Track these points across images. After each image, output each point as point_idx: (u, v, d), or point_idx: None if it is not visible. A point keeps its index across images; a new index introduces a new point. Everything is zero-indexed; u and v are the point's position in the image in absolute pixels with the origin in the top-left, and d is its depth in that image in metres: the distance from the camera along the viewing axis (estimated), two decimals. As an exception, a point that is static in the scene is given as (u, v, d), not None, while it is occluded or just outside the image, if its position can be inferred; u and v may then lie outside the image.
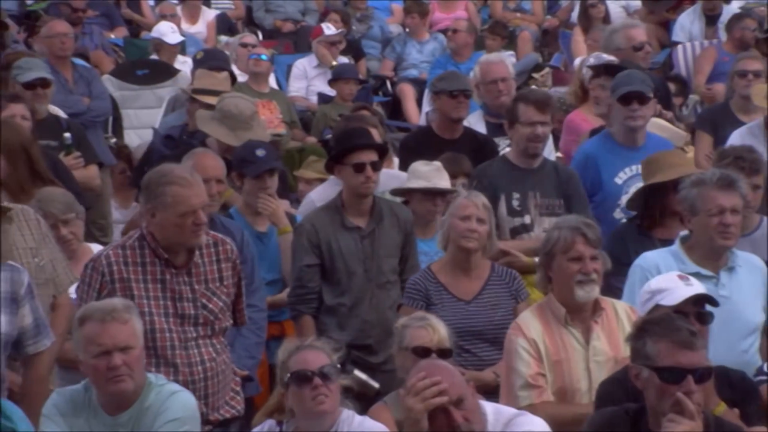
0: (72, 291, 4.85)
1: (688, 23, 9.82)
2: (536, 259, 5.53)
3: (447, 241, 5.05)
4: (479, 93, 6.87)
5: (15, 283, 4.29)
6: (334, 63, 9.70)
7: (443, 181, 5.74)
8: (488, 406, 3.51)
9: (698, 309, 4.04)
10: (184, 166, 4.73)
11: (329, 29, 10.01)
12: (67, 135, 6.70)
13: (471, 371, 4.84)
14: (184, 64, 9.39)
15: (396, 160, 6.76)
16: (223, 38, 10.69)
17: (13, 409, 3.98)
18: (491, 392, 4.65)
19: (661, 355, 3.42)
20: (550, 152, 6.46)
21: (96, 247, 5.27)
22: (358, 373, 4.81)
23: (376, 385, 4.85)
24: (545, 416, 3.72)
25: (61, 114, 7.03)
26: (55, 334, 4.55)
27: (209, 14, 11.17)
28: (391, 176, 6.04)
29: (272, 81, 9.52)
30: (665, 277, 4.19)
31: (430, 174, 5.71)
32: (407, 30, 10.81)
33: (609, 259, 4.53)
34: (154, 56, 9.56)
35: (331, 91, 9.34)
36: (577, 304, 4.36)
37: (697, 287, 4.10)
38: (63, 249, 5.04)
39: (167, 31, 9.52)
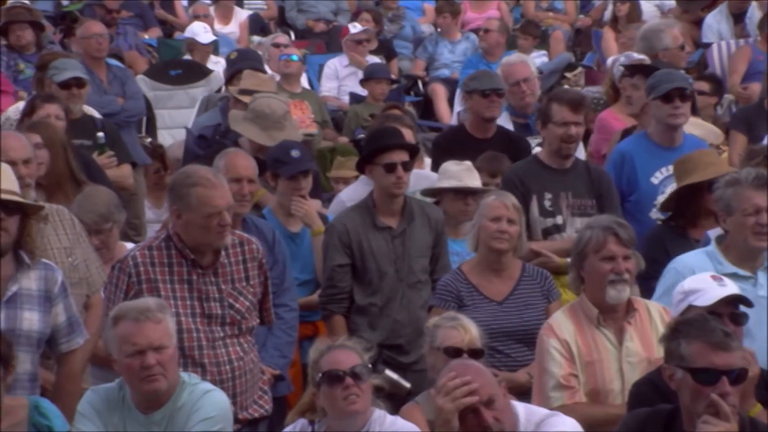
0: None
1: (715, 23, 9.75)
2: (568, 260, 5.53)
3: (477, 242, 5.04)
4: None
5: (49, 281, 4.33)
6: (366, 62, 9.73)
7: (474, 181, 5.73)
8: (520, 407, 3.50)
9: (732, 310, 4.00)
10: (210, 167, 4.73)
11: (354, 27, 10.04)
12: (100, 134, 6.75)
13: (504, 372, 4.83)
14: (216, 64, 9.43)
15: (427, 161, 6.75)
16: (256, 38, 10.74)
17: (49, 407, 4.02)
18: (525, 393, 4.63)
19: (695, 356, 3.40)
20: (578, 151, 6.43)
21: (130, 246, 5.30)
22: (389, 372, 4.81)
23: (407, 385, 4.85)
24: (577, 417, 3.70)
25: (96, 114, 7.09)
26: (89, 333, 4.58)
27: (242, 14, 11.22)
28: (421, 176, 6.04)
29: (304, 81, 9.55)
30: (699, 278, 4.15)
31: (461, 173, 5.70)
32: (439, 30, 10.80)
33: (642, 259, 4.50)
34: (187, 56, 9.61)
35: (362, 91, 9.35)
36: (610, 305, 4.34)
37: (731, 288, 4.06)
38: None
39: (200, 31, 9.57)
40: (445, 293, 5.00)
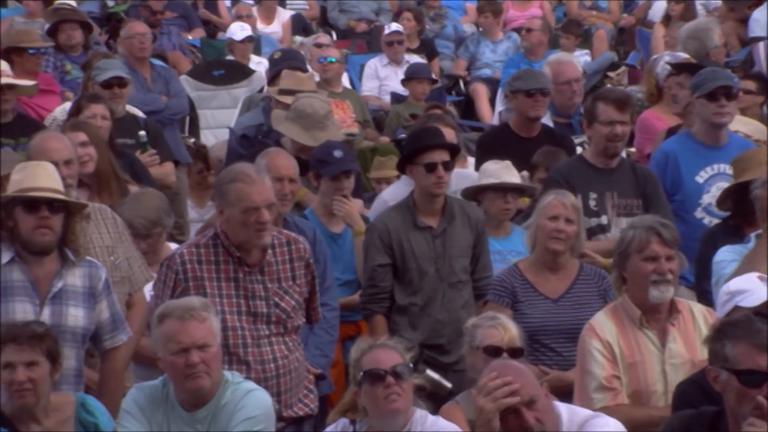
0: (147, 289, 4.92)
1: (763, 18, 9.62)
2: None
3: (535, 240, 5.02)
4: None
5: (93, 279, 4.38)
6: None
7: (513, 178, 5.71)
8: (562, 407, 3.47)
9: (779, 311, 3.95)
10: (254, 164, 4.76)
11: (389, 28, 10.05)
12: (142, 133, 6.80)
13: (555, 371, 4.82)
14: (259, 64, 9.47)
15: (470, 160, 6.73)
16: (298, 38, 10.78)
17: (96, 404, 4.07)
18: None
19: (740, 358, 3.36)
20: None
21: (173, 246, 5.34)
22: (430, 372, 4.81)
23: (448, 384, 4.84)
24: (620, 419, 3.67)
25: (139, 113, 7.15)
26: (131, 331, 4.62)
27: (284, 15, 11.26)
28: (464, 176, 6.02)
29: (345, 81, 9.56)
30: (745, 278, 4.11)
31: (500, 171, 5.69)
32: (481, 29, 10.77)
33: (686, 260, 4.46)
34: (229, 57, 9.67)
35: (404, 91, 9.35)
36: (652, 305, 4.30)
37: (779, 289, 4.01)
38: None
39: (236, 30, 9.64)
40: (500, 289, 5.00)
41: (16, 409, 3.96)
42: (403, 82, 9.28)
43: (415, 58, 9.99)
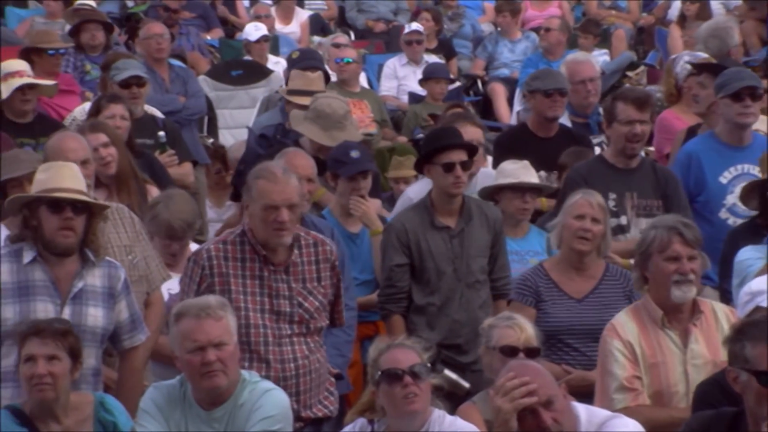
0: (165, 288, 4.94)
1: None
2: (632, 261, 5.46)
3: (560, 239, 5.00)
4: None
5: (112, 279, 4.40)
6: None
7: (532, 178, 5.69)
8: (581, 408, 3.46)
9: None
10: (283, 164, 4.76)
11: (409, 27, 10.05)
12: (161, 133, 6.83)
13: (579, 370, 4.80)
14: (277, 64, 9.49)
15: (489, 159, 6.70)
16: (316, 38, 10.78)
17: (114, 404, 4.08)
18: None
19: (760, 359, 3.33)
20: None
21: (193, 246, 5.35)
22: (448, 372, 4.80)
23: (466, 384, 4.83)
24: (641, 420, 3.65)
25: (157, 114, 7.17)
26: (149, 330, 4.63)
27: (303, 15, 11.27)
28: (488, 175, 6.00)
29: (363, 80, 9.56)
30: (766, 278, 4.07)
31: (518, 171, 5.67)
32: (499, 29, 10.75)
33: (708, 260, 4.42)
34: (247, 57, 9.68)
35: (422, 91, 9.34)
36: (674, 305, 4.27)
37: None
38: (164, 257, 5.13)
39: (251, 31, 9.67)
40: (524, 288, 4.99)
41: (36, 406, 3.97)
42: (421, 82, 9.28)
43: (433, 58, 9.98)
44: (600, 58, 10.06)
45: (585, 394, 4.41)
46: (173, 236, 5.16)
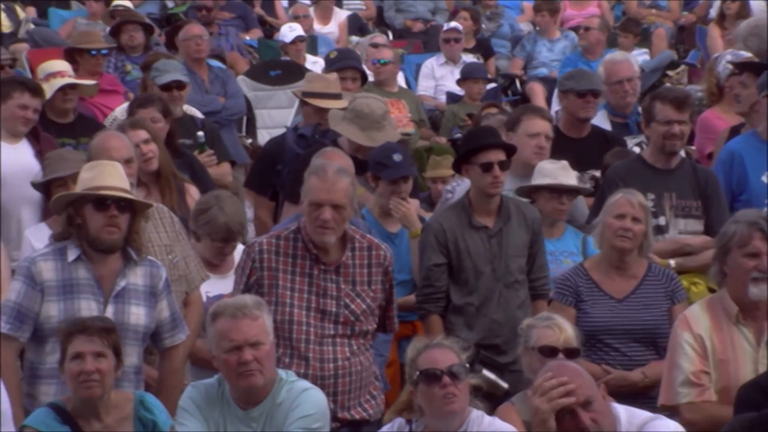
0: (203, 289, 4.97)
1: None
2: (670, 262, 5.43)
3: (602, 239, 4.97)
4: (603, 93, 6.73)
5: (154, 278, 4.44)
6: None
7: (569, 179, 5.66)
8: (621, 409, 3.44)
9: None
10: (338, 163, 4.75)
11: (447, 25, 10.04)
12: (200, 134, 6.87)
13: (619, 370, 4.78)
14: (315, 64, 9.51)
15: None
16: (354, 38, 10.80)
17: (154, 402, 4.11)
18: (639, 393, 4.55)
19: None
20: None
21: (239, 247, 5.37)
22: (486, 372, 4.79)
23: (505, 385, 4.82)
24: (705, 416, 3.60)
25: (196, 114, 7.22)
26: (188, 330, 4.66)
27: (341, 15, 11.30)
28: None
29: (401, 80, 9.56)
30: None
31: (556, 172, 5.64)
32: (537, 28, 10.71)
33: None
34: (285, 57, 9.72)
35: (460, 90, 9.33)
36: (751, 302, 4.17)
37: None
38: (214, 258, 5.16)
39: (286, 32, 9.71)
40: (564, 288, 4.97)
41: (80, 404, 4.01)
42: (459, 82, 9.26)
43: (471, 58, 9.97)
44: (639, 57, 9.99)
45: (625, 394, 4.39)
46: (229, 238, 5.20)
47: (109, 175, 4.35)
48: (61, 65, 7.17)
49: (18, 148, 6.17)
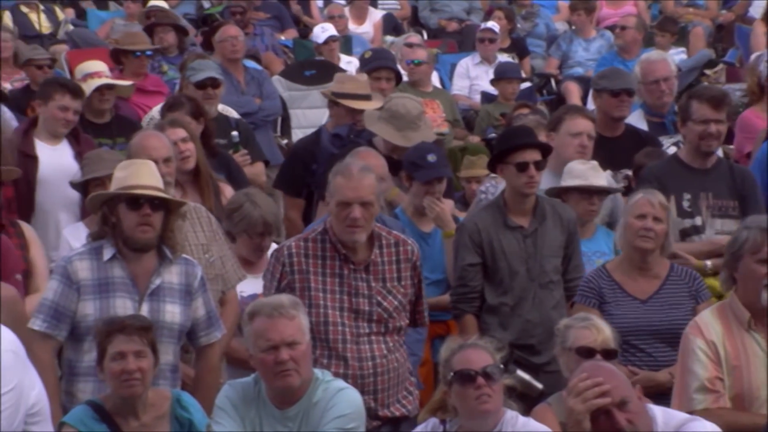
0: (249, 288, 5.00)
1: None
2: (707, 263, 5.38)
3: (623, 240, 4.95)
4: (640, 92, 6.69)
5: (189, 276, 4.46)
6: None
7: (600, 180, 5.63)
8: (657, 410, 3.41)
9: None
10: (361, 162, 4.78)
11: (484, 25, 10.01)
12: (234, 133, 6.90)
13: (645, 371, 4.75)
14: (349, 64, 9.53)
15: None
16: (389, 38, 10.81)
17: (191, 401, 4.13)
18: (666, 393, 4.52)
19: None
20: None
21: (273, 246, 5.39)
22: (521, 373, 4.77)
23: (539, 385, 4.80)
24: (722, 423, 3.56)
25: (232, 114, 7.25)
26: (225, 328, 4.68)
27: (376, 15, 11.31)
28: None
29: (435, 80, 9.55)
30: None
31: (587, 172, 5.61)
32: (573, 27, 10.65)
33: None
34: (320, 57, 9.75)
35: (494, 90, 9.30)
36: (763, 309, 4.14)
37: None
38: (252, 255, 5.17)
39: (318, 33, 9.74)
40: (587, 290, 4.94)
41: (119, 402, 4.04)
42: (492, 82, 9.24)
43: (506, 57, 9.94)
44: (677, 56, 9.91)
45: (652, 395, 4.35)
46: (267, 231, 5.22)
47: (142, 174, 4.38)
48: (99, 66, 7.24)
49: (58, 149, 6.23)
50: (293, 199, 6.62)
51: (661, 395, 4.49)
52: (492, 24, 10.07)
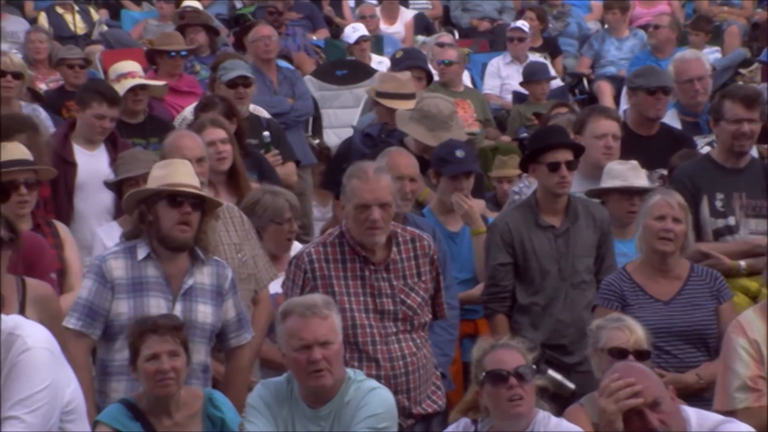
0: (272, 286, 5.01)
1: None
2: (740, 263, 5.33)
3: (643, 242, 4.92)
4: (674, 92, 6.64)
5: (220, 277, 4.48)
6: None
7: (640, 180, 5.59)
8: (691, 411, 3.39)
9: None
10: (376, 163, 4.79)
11: (513, 24, 9.99)
12: (266, 134, 6.92)
13: (671, 373, 4.72)
14: (380, 64, 9.54)
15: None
16: (420, 38, 10.81)
17: (223, 400, 4.15)
18: (693, 395, 4.49)
19: None
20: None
21: (297, 246, 5.42)
22: (553, 373, 4.76)
23: (571, 386, 4.79)
24: (762, 422, 3.52)
25: (263, 114, 7.28)
26: (256, 329, 4.71)
27: (407, 14, 11.32)
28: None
29: (467, 79, 9.54)
30: None
31: (627, 173, 5.58)
32: (606, 26, 10.61)
33: None
34: (351, 57, 9.77)
35: (525, 90, 9.28)
36: None
37: None
38: (281, 248, 5.19)
39: (349, 33, 9.76)
40: (609, 293, 4.91)
41: (152, 401, 4.07)
42: (522, 84, 9.22)
43: (538, 57, 9.91)
44: (711, 55, 9.83)
45: (679, 397, 4.30)
46: (294, 215, 5.24)
47: (181, 174, 4.40)
48: (132, 66, 7.29)
49: (95, 155, 6.27)
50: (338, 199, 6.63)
51: (689, 397, 4.46)
52: (521, 23, 10.05)
